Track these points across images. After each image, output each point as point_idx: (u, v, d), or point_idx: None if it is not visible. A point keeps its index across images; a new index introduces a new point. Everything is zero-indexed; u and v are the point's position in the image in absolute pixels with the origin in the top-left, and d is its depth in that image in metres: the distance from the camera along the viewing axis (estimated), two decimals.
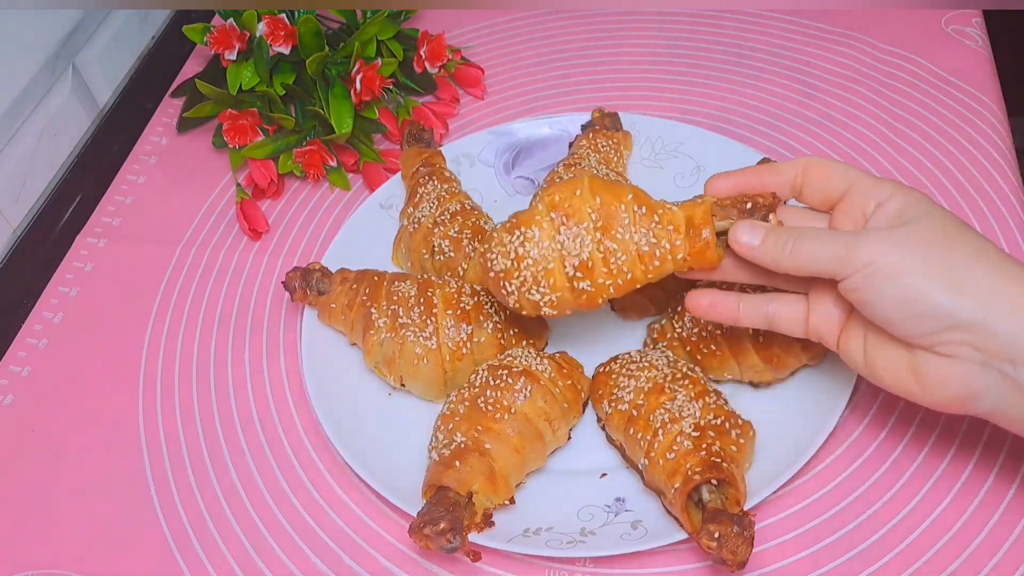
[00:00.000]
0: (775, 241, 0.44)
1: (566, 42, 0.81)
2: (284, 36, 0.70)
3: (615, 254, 0.47)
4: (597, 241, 0.47)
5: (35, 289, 0.66)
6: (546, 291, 0.48)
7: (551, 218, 0.47)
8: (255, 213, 0.69)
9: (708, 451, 0.48)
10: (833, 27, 0.80)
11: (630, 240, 0.47)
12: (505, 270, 0.48)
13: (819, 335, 0.47)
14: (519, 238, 0.48)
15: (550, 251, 0.47)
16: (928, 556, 0.48)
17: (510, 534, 0.49)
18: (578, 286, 0.47)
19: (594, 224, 0.47)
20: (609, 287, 0.47)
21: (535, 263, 0.47)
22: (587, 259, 0.47)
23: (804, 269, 0.44)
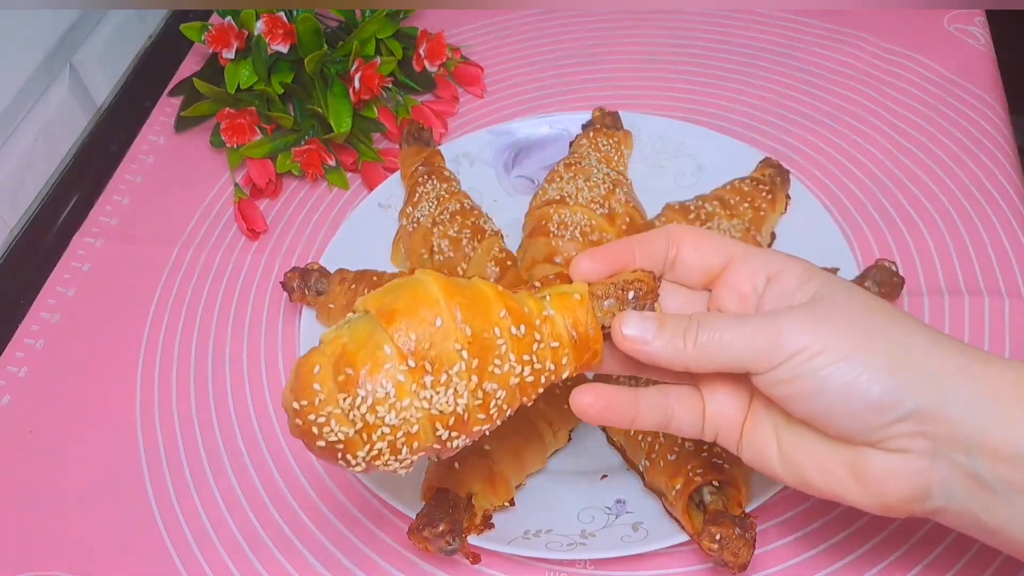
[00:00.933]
0: (672, 333, 0.37)
1: (566, 41, 0.81)
2: (282, 35, 0.70)
3: (494, 395, 0.37)
4: (473, 389, 0.36)
5: (32, 289, 0.66)
6: (406, 458, 0.37)
7: (409, 368, 0.35)
8: (253, 213, 0.68)
9: (710, 452, 0.47)
10: (835, 26, 0.79)
11: (510, 373, 0.37)
12: (346, 441, 0.36)
13: (716, 433, 0.40)
14: (363, 400, 0.35)
15: (414, 413, 0.36)
16: (931, 557, 0.48)
17: (510, 536, 0.49)
18: (451, 445, 0.37)
19: (467, 365, 0.36)
20: (485, 431, 0.38)
21: (393, 430, 0.36)
22: (462, 412, 0.36)
23: (712, 364, 0.36)
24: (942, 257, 0.62)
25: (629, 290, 0.39)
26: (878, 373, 0.34)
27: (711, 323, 0.37)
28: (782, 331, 0.35)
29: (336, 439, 0.36)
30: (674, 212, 0.60)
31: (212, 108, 0.72)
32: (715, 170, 0.64)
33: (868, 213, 0.65)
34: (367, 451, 0.36)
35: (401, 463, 0.37)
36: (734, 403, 0.40)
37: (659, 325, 0.37)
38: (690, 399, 0.40)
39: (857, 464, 0.36)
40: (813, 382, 0.35)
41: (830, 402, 0.35)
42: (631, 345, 0.37)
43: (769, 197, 0.60)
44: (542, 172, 0.68)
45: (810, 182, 0.67)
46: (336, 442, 0.36)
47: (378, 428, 0.36)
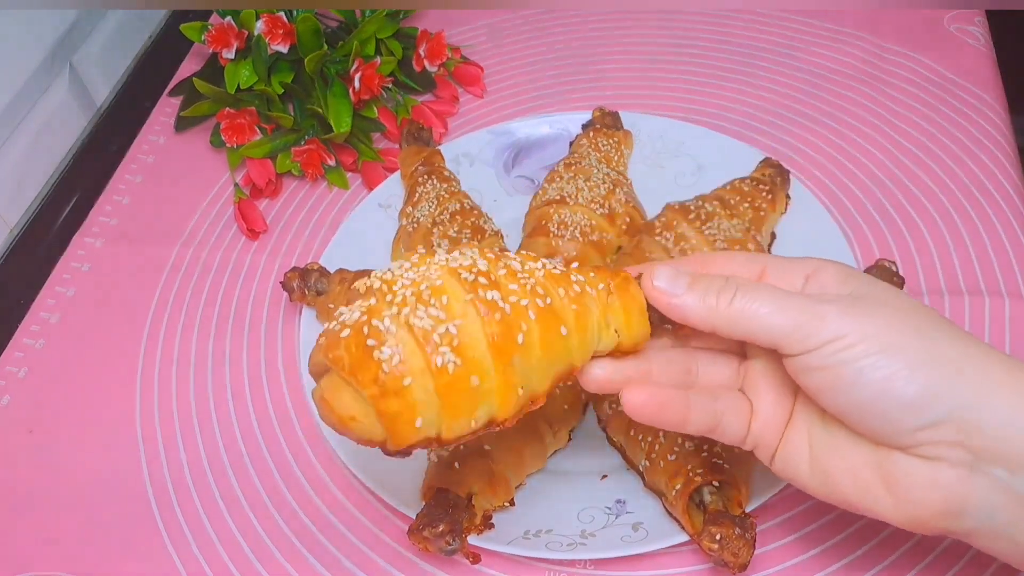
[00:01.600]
0: (705, 290, 0.36)
1: (566, 40, 0.81)
2: (282, 34, 0.70)
3: (519, 271, 0.36)
4: (491, 259, 0.36)
5: (32, 289, 0.66)
6: (440, 315, 0.33)
7: (419, 254, 0.36)
8: (253, 213, 0.68)
9: (710, 452, 0.47)
10: (835, 26, 0.79)
11: (533, 268, 0.36)
12: (369, 308, 0.34)
13: (756, 443, 0.39)
14: (379, 275, 0.35)
15: (433, 268, 0.35)
16: (932, 557, 0.48)
17: (510, 536, 0.49)
18: (484, 295, 0.34)
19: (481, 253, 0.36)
20: (527, 310, 0.34)
21: (414, 282, 0.34)
22: (486, 269, 0.35)
23: (743, 331, 0.35)
24: (942, 257, 0.62)
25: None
26: (916, 371, 0.33)
27: (750, 289, 0.35)
28: (823, 314, 0.34)
29: (359, 315, 0.33)
30: (674, 212, 0.60)
31: (212, 108, 0.72)
32: (715, 170, 0.64)
33: (868, 213, 0.65)
34: (394, 307, 0.33)
35: (436, 324, 0.33)
36: (779, 411, 0.38)
37: (692, 280, 0.36)
38: (738, 405, 0.39)
39: (888, 470, 0.34)
40: (848, 373, 0.33)
41: (864, 397, 0.33)
42: (660, 297, 0.36)
43: (769, 197, 0.60)
44: (542, 172, 0.68)
45: (810, 182, 0.67)
46: (359, 317, 0.33)
47: (398, 280, 0.34)
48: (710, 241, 0.58)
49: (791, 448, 0.38)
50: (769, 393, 0.39)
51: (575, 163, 0.64)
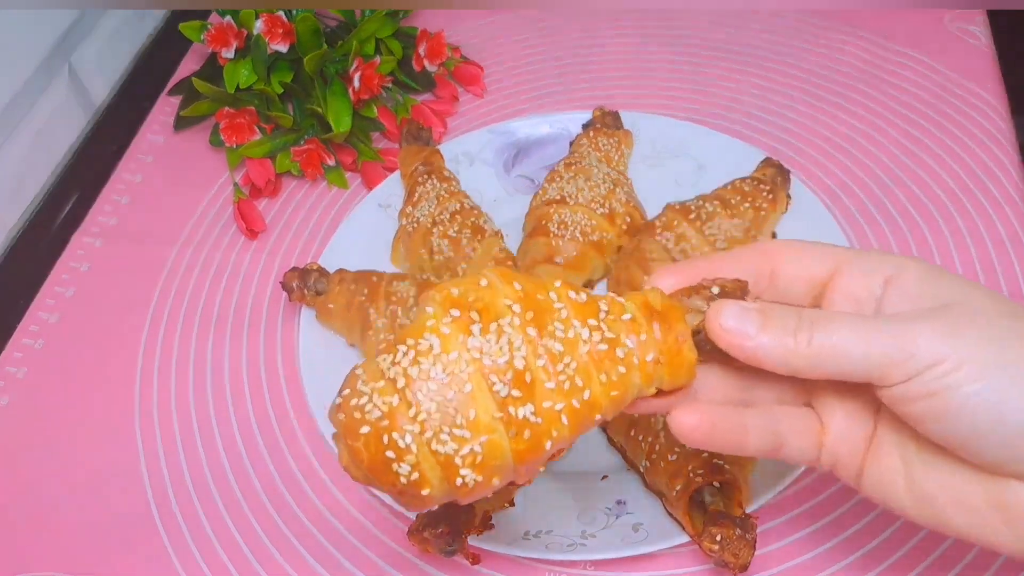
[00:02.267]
0: (780, 329, 0.31)
1: (567, 40, 0.81)
2: (282, 34, 0.69)
3: (561, 359, 0.31)
4: (531, 341, 0.31)
5: (31, 289, 0.66)
6: (465, 435, 0.30)
7: (453, 318, 0.31)
8: (252, 212, 0.68)
9: (710, 453, 0.47)
10: (836, 25, 0.79)
11: (576, 338, 0.32)
12: (390, 412, 0.31)
13: (834, 463, 0.35)
14: (405, 356, 0.31)
15: (463, 367, 0.31)
16: (933, 558, 0.48)
17: (510, 537, 0.48)
18: (516, 414, 0.31)
19: (521, 319, 0.32)
20: (560, 416, 0.31)
21: (441, 387, 0.31)
22: (523, 367, 0.31)
23: (828, 370, 0.31)
24: (943, 256, 0.62)
25: (712, 286, 0.34)
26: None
27: (827, 322, 0.31)
28: (914, 337, 0.30)
29: (380, 414, 0.31)
30: (675, 212, 0.59)
31: (211, 108, 0.71)
32: (716, 170, 0.64)
33: (869, 213, 0.65)
34: (414, 417, 0.30)
35: (459, 446, 0.30)
36: (857, 427, 0.34)
37: (763, 318, 0.32)
38: (804, 423, 0.35)
39: (1005, 500, 0.31)
40: (953, 400, 0.30)
41: (973, 424, 0.30)
42: (730, 339, 0.32)
43: (770, 197, 0.60)
44: (542, 172, 0.68)
45: (811, 182, 0.67)
46: (380, 418, 0.31)
47: (424, 383, 0.30)
48: (710, 241, 0.58)
49: (881, 470, 0.34)
50: (843, 407, 0.35)
51: (575, 163, 0.64)
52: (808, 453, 0.35)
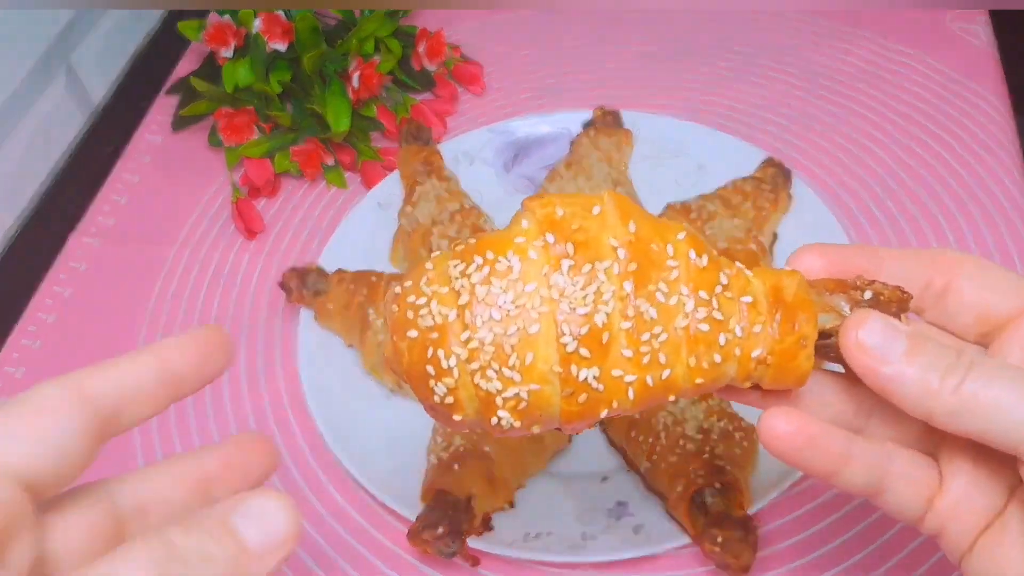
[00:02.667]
0: (929, 362, 0.27)
1: (567, 39, 0.81)
2: (281, 33, 0.69)
3: (650, 327, 0.27)
4: (622, 298, 0.27)
5: (29, 290, 0.66)
6: (515, 377, 0.27)
7: (545, 243, 0.28)
8: (251, 212, 0.68)
9: (711, 454, 0.47)
10: (837, 24, 0.79)
11: (678, 308, 0.28)
12: (443, 326, 0.28)
13: (942, 527, 0.30)
14: (478, 271, 0.28)
15: (536, 301, 0.27)
16: (934, 559, 0.48)
17: (510, 538, 0.48)
18: (577, 374, 0.27)
19: (621, 267, 0.27)
20: (627, 389, 0.28)
21: (506, 319, 0.27)
22: (602, 325, 0.27)
23: (971, 426, 0.26)
24: None
25: (866, 289, 0.28)
26: None
27: (988, 370, 0.26)
28: None
29: (432, 323, 0.27)
30: (675, 212, 0.59)
31: (210, 107, 0.71)
32: (717, 169, 0.64)
33: (871, 212, 0.65)
34: (465, 342, 0.27)
35: (505, 387, 0.27)
36: (983, 499, 0.29)
37: (912, 345, 0.27)
38: (920, 472, 0.30)
39: None
40: None
41: None
42: (865, 359, 0.27)
43: (771, 196, 0.60)
44: (542, 171, 0.68)
45: (812, 181, 0.67)
46: (431, 328, 0.27)
47: (488, 309, 0.27)
48: (711, 241, 0.57)
49: (998, 560, 0.28)
50: (973, 471, 0.29)
51: (575, 162, 0.63)
52: (913, 510, 0.30)
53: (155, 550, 0.22)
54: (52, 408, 0.24)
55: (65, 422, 0.24)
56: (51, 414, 0.24)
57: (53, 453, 0.23)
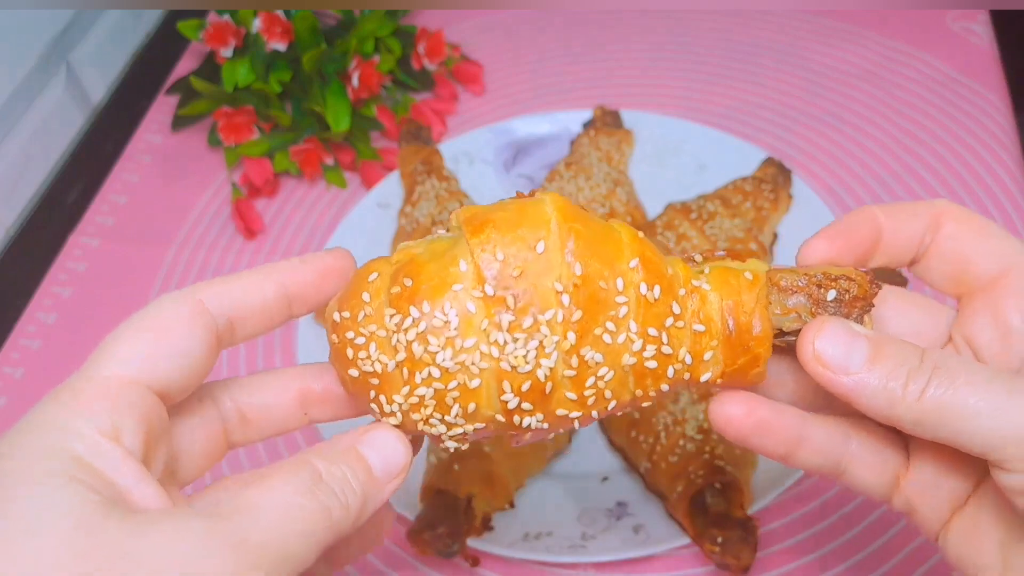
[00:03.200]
0: (892, 370, 0.26)
1: (567, 39, 0.81)
2: (280, 32, 0.69)
3: (595, 371, 0.27)
4: (567, 351, 0.27)
5: (28, 290, 0.66)
6: (458, 423, 0.27)
7: (484, 296, 0.26)
8: (251, 212, 0.68)
9: (712, 455, 0.47)
10: (838, 24, 0.79)
11: (625, 347, 0.27)
12: (383, 376, 0.27)
13: (911, 507, 0.30)
14: (414, 325, 0.27)
15: (477, 360, 0.27)
16: (934, 560, 0.48)
17: (510, 539, 0.48)
18: (519, 421, 0.27)
19: (565, 315, 0.26)
20: (573, 420, 0.28)
21: (444, 376, 0.27)
22: (544, 379, 0.27)
23: (939, 433, 0.26)
24: None
25: (829, 288, 0.27)
26: None
27: (952, 372, 0.25)
28: None
29: (372, 370, 0.27)
30: (676, 212, 0.59)
31: (209, 106, 0.71)
32: (717, 169, 0.64)
33: None
34: (406, 396, 0.27)
35: (449, 429, 0.27)
36: (949, 485, 0.29)
37: (873, 351, 0.26)
38: (881, 456, 0.29)
39: None
40: None
41: None
42: (822, 371, 0.26)
43: (772, 196, 0.60)
44: (542, 171, 0.68)
45: (812, 181, 0.67)
46: (371, 374, 0.27)
47: (426, 367, 0.27)
48: (712, 241, 0.57)
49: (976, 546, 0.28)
50: (938, 459, 0.29)
51: (576, 162, 0.63)
52: (876, 490, 0.30)
53: (304, 480, 0.25)
54: (175, 321, 0.26)
55: (187, 334, 0.26)
56: (174, 327, 0.26)
57: (179, 363, 0.26)
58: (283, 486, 0.24)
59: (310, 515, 0.24)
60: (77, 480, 0.23)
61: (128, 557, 0.21)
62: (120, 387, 0.25)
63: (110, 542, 0.22)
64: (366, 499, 0.26)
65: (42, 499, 0.22)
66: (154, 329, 0.26)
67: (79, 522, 0.22)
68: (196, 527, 0.23)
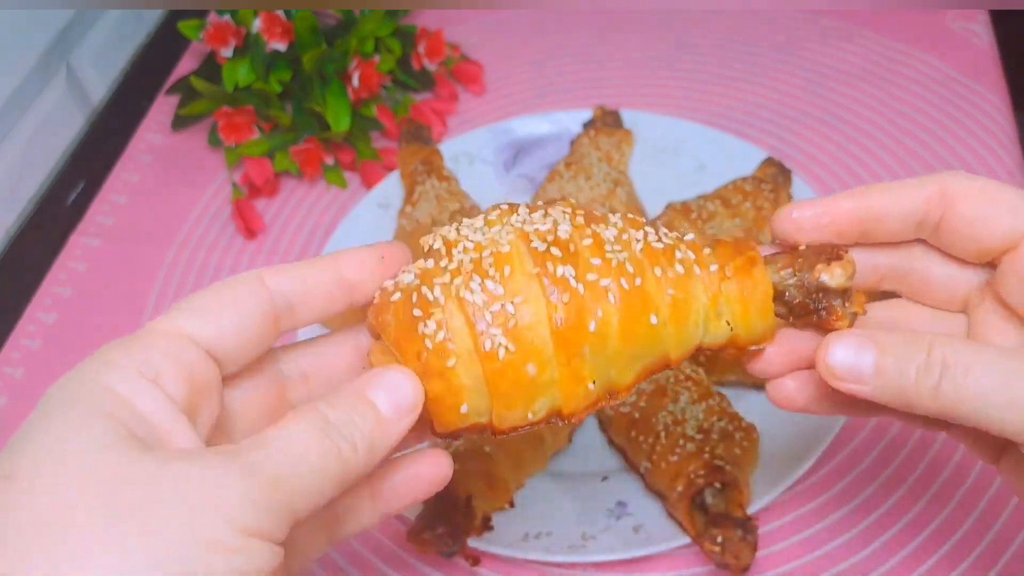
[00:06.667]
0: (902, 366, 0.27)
1: (567, 38, 0.81)
2: (281, 32, 0.69)
3: (611, 244, 0.30)
4: (579, 225, 0.30)
5: (29, 290, 0.66)
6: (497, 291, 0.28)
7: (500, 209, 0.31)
8: (251, 212, 0.68)
9: (711, 454, 0.47)
10: (838, 24, 0.79)
11: (629, 239, 0.30)
12: (422, 274, 0.30)
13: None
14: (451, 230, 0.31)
15: (502, 234, 0.30)
16: (934, 560, 0.48)
17: (510, 538, 0.48)
18: (555, 270, 0.29)
19: (571, 210, 0.31)
20: (607, 293, 0.29)
21: (477, 247, 0.30)
22: (567, 237, 0.29)
23: (958, 416, 0.27)
24: None
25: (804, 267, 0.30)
26: None
27: (962, 363, 0.26)
28: None
29: (410, 279, 0.30)
30: (675, 212, 0.59)
31: (209, 106, 0.71)
32: (717, 169, 0.64)
33: None
34: (447, 274, 0.29)
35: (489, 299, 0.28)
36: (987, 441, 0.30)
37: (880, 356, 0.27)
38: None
39: None
40: None
41: None
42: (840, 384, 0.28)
43: (771, 196, 0.60)
44: (542, 171, 0.68)
45: (812, 181, 0.67)
46: (411, 281, 0.29)
47: (460, 242, 0.30)
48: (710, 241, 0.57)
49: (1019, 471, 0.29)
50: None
51: (576, 162, 0.63)
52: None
53: (314, 421, 0.26)
54: (232, 293, 0.28)
55: (245, 306, 0.28)
56: (233, 298, 0.28)
57: (232, 331, 0.28)
58: (295, 424, 0.26)
59: (321, 452, 0.25)
60: (111, 414, 0.24)
61: (147, 486, 0.23)
62: (167, 338, 0.27)
63: (132, 472, 0.23)
64: (373, 441, 0.27)
65: (76, 429, 0.24)
66: (209, 297, 0.28)
67: (106, 453, 0.23)
68: (212, 461, 0.24)
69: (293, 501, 0.24)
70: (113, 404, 0.25)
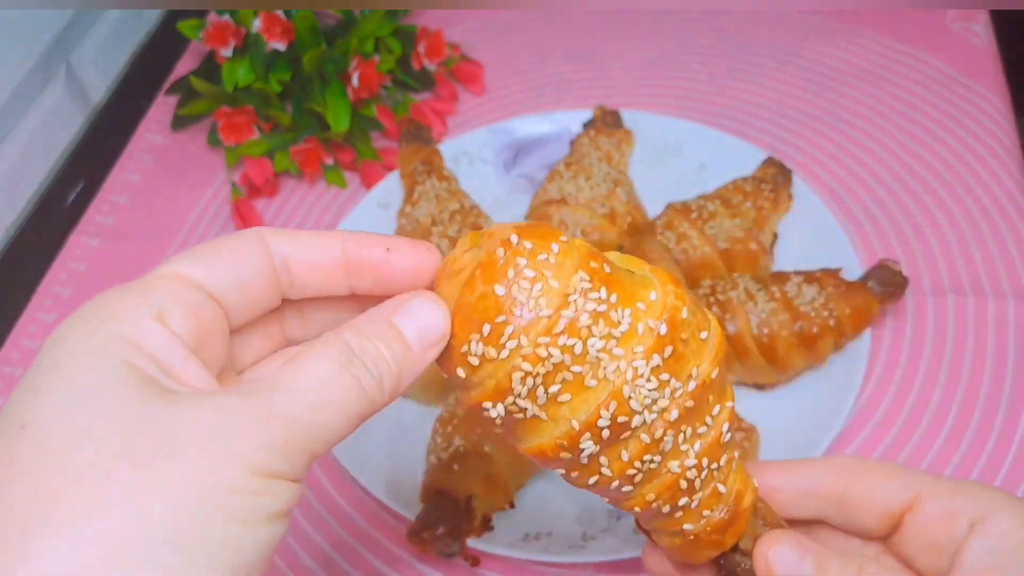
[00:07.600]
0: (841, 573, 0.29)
1: (567, 38, 0.81)
2: (280, 32, 0.69)
3: (658, 452, 0.29)
4: (666, 421, 0.28)
5: (28, 290, 0.66)
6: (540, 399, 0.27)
7: (657, 332, 0.28)
8: (250, 212, 0.68)
9: None
10: (838, 24, 0.79)
11: (685, 454, 0.30)
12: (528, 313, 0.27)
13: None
14: (598, 304, 0.27)
15: (613, 367, 0.27)
16: None
17: (510, 538, 0.48)
18: (579, 441, 0.28)
19: (683, 397, 0.29)
20: (595, 474, 0.29)
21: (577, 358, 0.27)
22: (634, 427, 0.28)
23: None
24: (945, 256, 0.61)
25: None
26: None
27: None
28: None
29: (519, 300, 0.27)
30: (676, 212, 0.59)
31: (209, 106, 0.71)
32: (717, 169, 0.64)
33: (871, 212, 0.65)
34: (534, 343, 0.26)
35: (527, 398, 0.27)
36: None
37: (817, 560, 0.29)
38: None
39: None
40: None
41: None
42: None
43: (772, 196, 0.60)
44: (542, 171, 0.68)
45: (812, 181, 0.67)
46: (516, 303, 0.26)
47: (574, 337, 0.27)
48: (712, 240, 0.57)
49: None
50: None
51: (576, 162, 0.63)
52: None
53: (337, 350, 0.25)
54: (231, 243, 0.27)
55: (246, 260, 0.27)
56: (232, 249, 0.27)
57: (234, 282, 0.27)
58: (315, 362, 0.25)
59: (342, 388, 0.25)
60: (121, 356, 0.24)
61: (163, 428, 0.22)
62: (170, 280, 0.26)
63: (148, 415, 0.23)
64: (401, 372, 0.26)
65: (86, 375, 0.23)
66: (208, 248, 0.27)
67: (119, 398, 0.23)
68: (229, 403, 0.23)
69: (312, 442, 0.24)
70: (120, 346, 0.24)
